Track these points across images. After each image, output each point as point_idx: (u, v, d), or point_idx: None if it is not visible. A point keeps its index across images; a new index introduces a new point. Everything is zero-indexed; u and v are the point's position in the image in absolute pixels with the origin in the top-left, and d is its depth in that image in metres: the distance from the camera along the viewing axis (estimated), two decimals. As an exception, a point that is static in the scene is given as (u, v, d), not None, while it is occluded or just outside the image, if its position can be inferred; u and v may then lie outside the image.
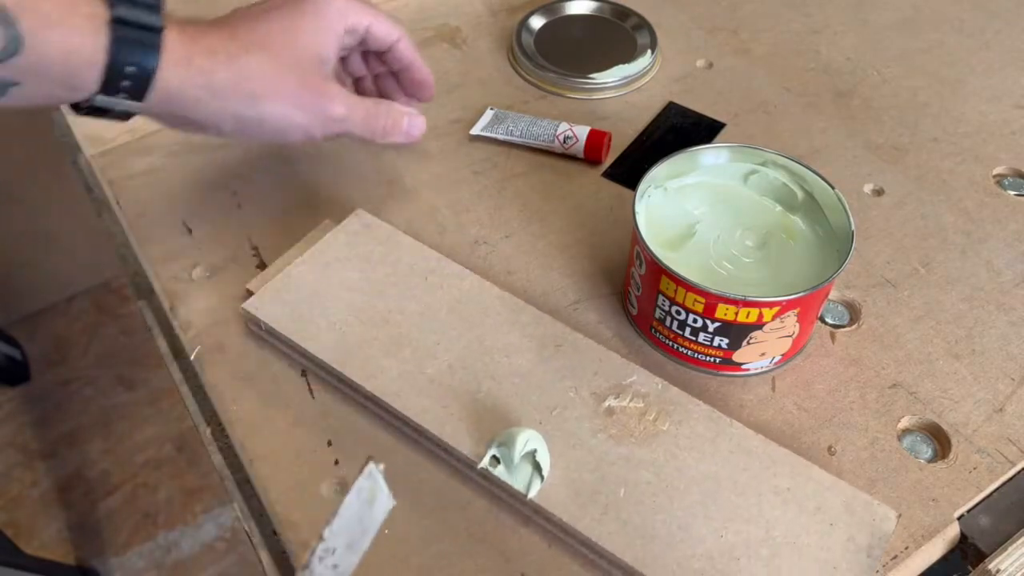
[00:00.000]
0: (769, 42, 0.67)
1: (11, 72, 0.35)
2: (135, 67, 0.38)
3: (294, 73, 0.43)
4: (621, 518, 0.39)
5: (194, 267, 0.52)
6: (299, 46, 0.43)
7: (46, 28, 0.35)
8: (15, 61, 0.35)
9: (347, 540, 0.25)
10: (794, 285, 0.43)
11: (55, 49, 0.36)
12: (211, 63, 0.40)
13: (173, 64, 0.39)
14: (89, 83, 0.38)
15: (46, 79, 0.36)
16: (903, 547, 0.40)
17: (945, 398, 0.46)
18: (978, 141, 0.59)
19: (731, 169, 0.49)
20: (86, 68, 0.37)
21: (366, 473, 0.25)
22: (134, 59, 0.38)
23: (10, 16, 0.34)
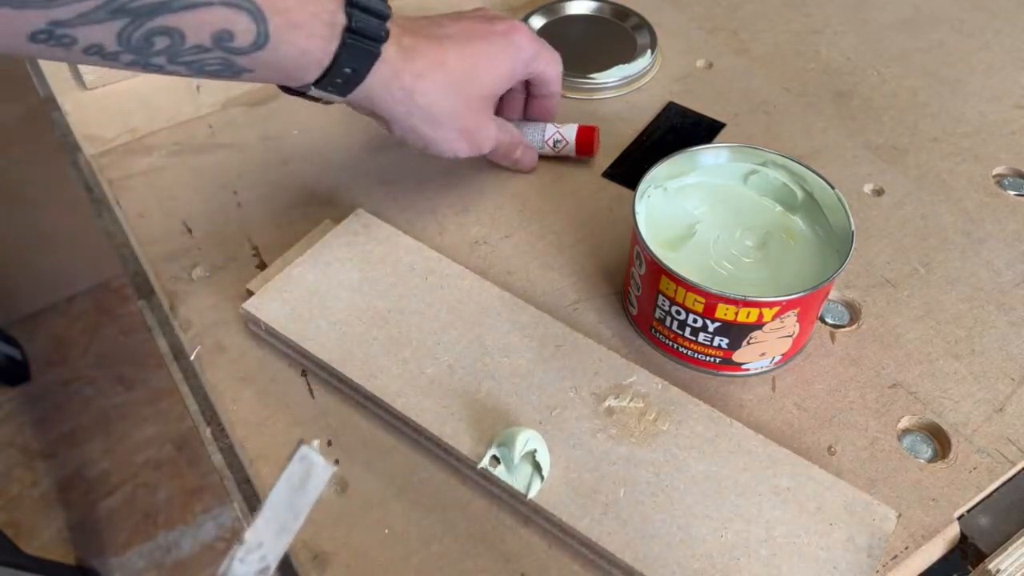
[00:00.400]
0: (769, 42, 0.67)
1: (250, 62, 0.38)
2: (351, 70, 0.41)
3: (471, 105, 0.47)
4: (621, 518, 0.39)
5: (194, 267, 0.52)
6: (485, 78, 0.48)
7: (291, 29, 0.38)
8: (258, 55, 0.38)
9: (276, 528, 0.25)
10: (794, 285, 0.43)
11: (293, 49, 0.39)
12: (414, 82, 0.44)
13: (382, 76, 0.43)
14: (309, 77, 0.41)
15: (276, 70, 0.40)
16: (903, 547, 0.40)
17: (945, 398, 0.46)
18: (978, 141, 0.59)
19: (731, 169, 0.49)
20: (313, 66, 0.40)
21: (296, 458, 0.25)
22: (353, 64, 0.41)
23: (264, 14, 0.37)
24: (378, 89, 0.43)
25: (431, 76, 0.45)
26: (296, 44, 0.39)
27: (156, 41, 0.36)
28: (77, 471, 1.28)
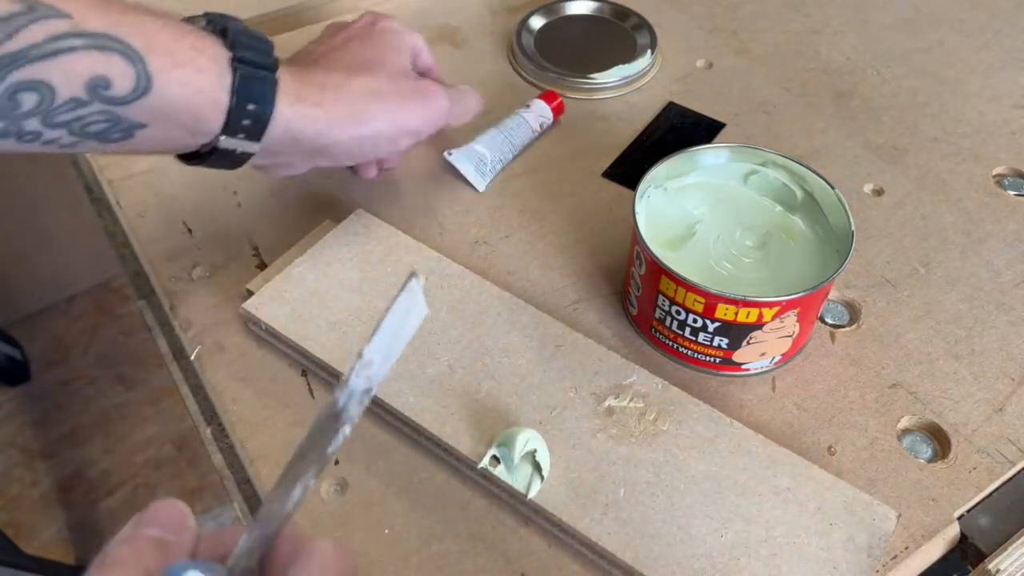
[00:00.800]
0: (769, 42, 0.67)
1: (139, 113, 0.35)
2: (255, 104, 0.38)
3: (393, 86, 0.45)
4: (621, 518, 0.39)
5: (194, 267, 0.52)
6: (389, 61, 0.46)
7: (174, 67, 0.35)
8: (145, 102, 0.35)
9: (383, 354, 0.26)
10: (794, 285, 0.43)
11: (182, 89, 0.36)
12: (321, 95, 0.41)
13: (288, 100, 0.40)
14: (212, 124, 0.38)
15: (172, 121, 0.37)
16: (903, 547, 0.40)
17: (945, 398, 0.46)
18: (978, 141, 0.59)
19: (731, 169, 0.49)
20: (210, 108, 0.37)
21: (407, 289, 0.25)
22: (254, 97, 0.38)
23: (139, 54, 0.34)
24: (293, 120, 0.40)
25: (335, 81, 0.42)
26: (184, 83, 0.36)
27: (23, 100, 0.32)
28: (77, 471, 1.28)
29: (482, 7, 0.71)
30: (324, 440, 0.26)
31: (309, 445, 0.26)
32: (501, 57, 0.66)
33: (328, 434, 0.26)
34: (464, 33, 0.68)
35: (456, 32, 0.68)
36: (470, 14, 0.70)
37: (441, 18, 0.69)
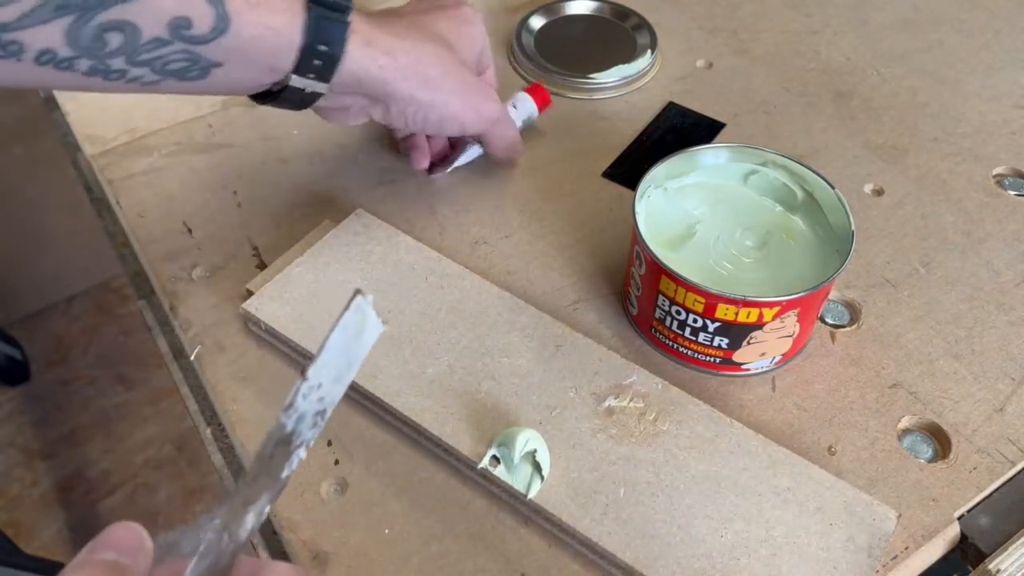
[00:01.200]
0: (769, 42, 0.67)
1: (216, 52, 0.36)
2: (327, 46, 0.39)
3: (461, 69, 0.46)
4: (621, 518, 0.39)
5: (194, 267, 0.52)
6: (462, 47, 0.47)
7: (251, 8, 0.36)
8: (222, 41, 0.36)
9: (333, 374, 0.25)
10: (794, 285, 0.43)
11: (258, 29, 0.37)
12: (393, 44, 0.42)
13: (359, 43, 0.41)
14: (285, 63, 0.39)
15: (247, 60, 0.38)
16: (903, 547, 0.40)
17: (945, 398, 0.46)
18: (978, 141, 0.59)
19: (731, 169, 0.49)
20: (284, 47, 0.38)
21: (353, 307, 0.25)
22: (326, 38, 0.39)
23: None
24: (362, 62, 0.41)
25: (410, 36, 0.43)
26: (260, 23, 0.37)
27: (109, 39, 0.34)
28: (77, 471, 1.28)
29: (482, 7, 0.71)
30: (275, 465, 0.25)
31: (258, 470, 0.25)
32: (501, 57, 0.66)
33: (279, 459, 0.25)
34: (464, 33, 0.68)
35: (456, 32, 0.68)
36: (470, 14, 0.70)
37: (441, 18, 0.69)
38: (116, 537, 0.27)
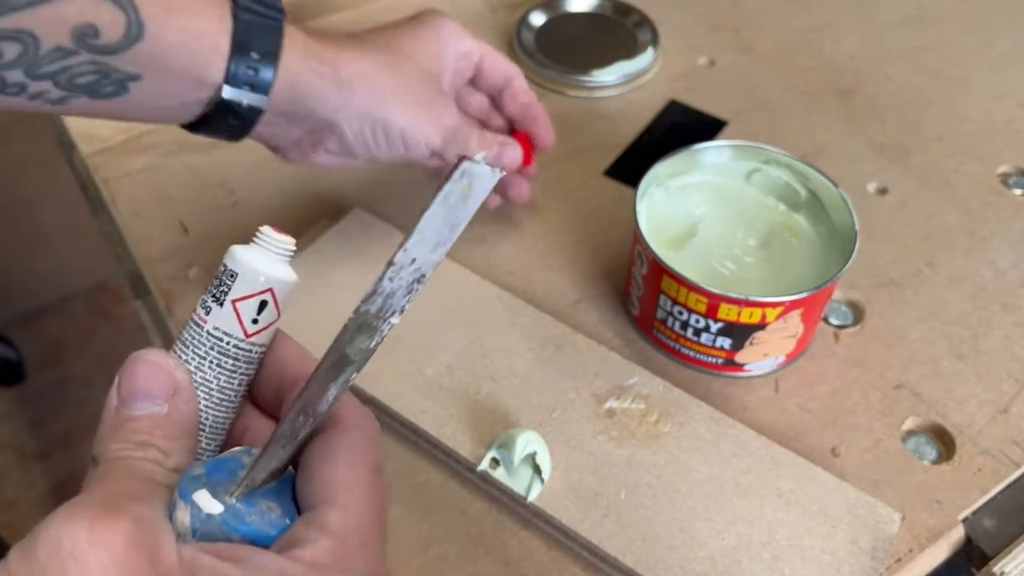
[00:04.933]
0: (771, 40, 0.67)
1: (131, 63, 0.33)
2: (258, 54, 0.36)
3: (415, 78, 0.42)
4: (622, 521, 0.39)
5: (190, 267, 0.51)
6: (419, 55, 0.43)
7: (169, 13, 0.33)
8: (137, 49, 0.33)
9: (431, 245, 0.24)
10: (797, 285, 0.43)
11: (178, 35, 0.33)
12: (336, 55, 0.39)
13: (296, 53, 0.37)
14: (213, 74, 0.35)
15: (168, 71, 0.34)
16: (907, 550, 0.40)
17: (949, 399, 0.45)
18: (982, 140, 0.59)
19: (733, 167, 0.49)
20: (210, 55, 0.35)
21: (456, 175, 0.23)
22: (257, 46, 0.36)
23: (132, 1, 0.32)
24: (302, 73, 0.37)
25: (352, 49, 0.40)
26: (180, 29, 0.33)
27: (4, 49, 0.30)
28: (73, 473, 1.28)
29: (482, 4, 0.70)
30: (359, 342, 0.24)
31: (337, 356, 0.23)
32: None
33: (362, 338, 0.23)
34: (463, 31, 0.68)
35: (455, 30, 0.68)
36: (470, 11, 0.69)
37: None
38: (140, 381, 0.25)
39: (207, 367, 0.26)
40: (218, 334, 0.26)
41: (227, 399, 0.27)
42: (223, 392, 0.26)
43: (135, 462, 0.23)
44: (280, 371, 0.28)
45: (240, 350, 0.26)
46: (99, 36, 0.32)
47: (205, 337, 0.26)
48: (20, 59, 0.31)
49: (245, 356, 0.26)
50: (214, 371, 0.26)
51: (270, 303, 0.26)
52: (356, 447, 0.25)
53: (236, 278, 0.26)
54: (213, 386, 0.26)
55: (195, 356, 0.26)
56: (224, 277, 0.27)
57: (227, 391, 0.26)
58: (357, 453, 0.24)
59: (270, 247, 0.27)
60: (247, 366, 0.27)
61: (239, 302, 0.26)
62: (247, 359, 0.27)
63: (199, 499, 0.22)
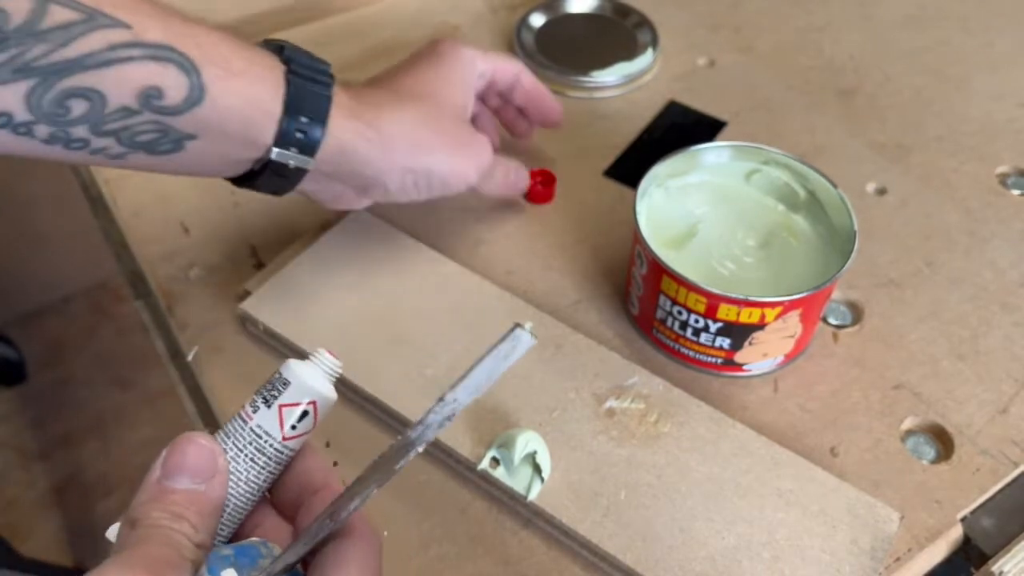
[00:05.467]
0: (771, 40, 0.67)
1: (191, 124, 0.34)
2: (308, 118, 0.37)
3: (450, 122, 0.44)
4: (622, 520, 0.39)
5: (191, 267, 0.51)
6: (447, 95, 0.44)
7: (229, 77, 0.34)
8: (197, 111, 0.34)
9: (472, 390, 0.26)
10: (796, 285, 0.43)
11: (236, 99, 0.35)
12: (377, 114, 0.40)
13: (342, 116, 0.39)
14: (265, 135, 0.37)
15: (223, 132, 0.35)
16: (906, 549, 0.40)
17: (949, 399, 0.45)
18: (982, 140, 0.59)
19: (733, 168, 0.49)
20: (263, 119, 0.36)
21: (510, 338, 0.25)
22: (307, 110, 0.37)
23: (195, 65, 0.33)
24: (346, 134, 0.39)
25: (391, 105, 0.41)
26: (238, 93, 0.35)
27: (72, 106, 0.31)
28: (74, 473, 1.28)
29: (482, 5, 0.70)
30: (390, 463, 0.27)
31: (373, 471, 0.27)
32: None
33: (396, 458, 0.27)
34: (464, 31, 0.68)
35: (456, 30, 0.68)
36: (470, 12, 0.69)
37: (441, 16, 0.69)
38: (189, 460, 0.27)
39: (242, 460, 0.29)
40: (260, 432, 0.29)
41: (251, 492, 0.29)
42: (249, 484, 0.29)
43: (171, 532, 0.26)
44: (304, 478, 0.31)
45: (275, 450, 0.29)
46: (163, 98, 0.33)
47: (248, 432, 0.29)
48: (86, 116, 0.32)
49: (277, 456, 0.29)
50: (247, 464, 0.29)
51: (310, 414, 0.30)
52: (367, 557, 0.28)
53: (288, 386, 0.30)
54: (242, 477, 0.29)
55: (234, 447, 0.29)
56: (277, 383, 0.30)
57: (253, 484, 0.29)
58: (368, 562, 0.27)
59: (322, 366, 0.31)
60: (276, 466, 0.30)
61: (285, 407, 0.29)
62: (278, 459, 0.30)
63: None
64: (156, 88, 0.33)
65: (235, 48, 0.35)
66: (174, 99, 0.33)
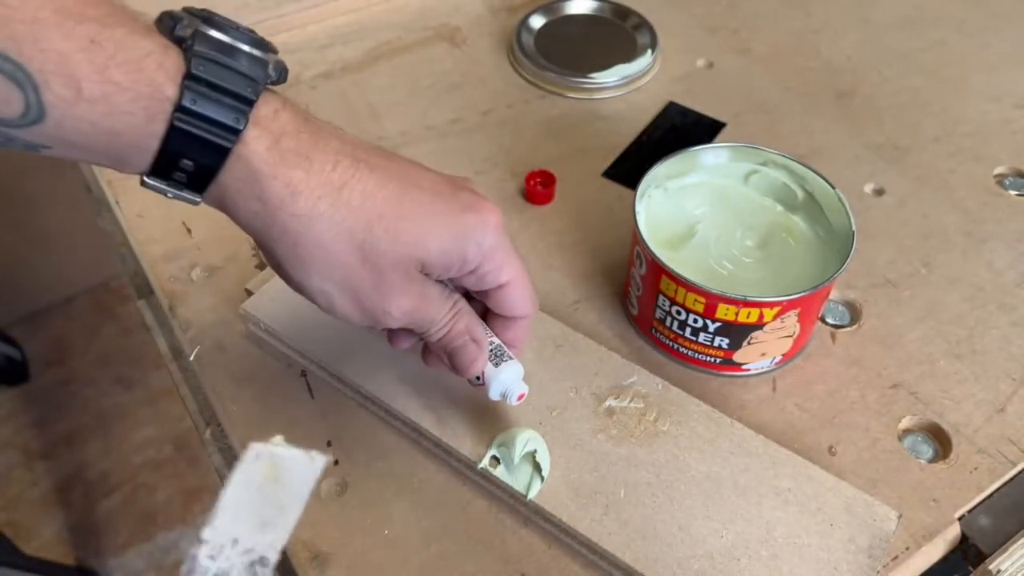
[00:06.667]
0: (770, 41, 0.67)
1: (36, 138, 0.29)
2: (193, 163, 0.30)
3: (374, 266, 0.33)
4: (621, 519, 0.39)
5: (193, 267, 0.52)
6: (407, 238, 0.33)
7: (80, 102, 0.28)
8: (39, 129, 0.28)
9: (252, 525, 0.24)
10: (795, 285, 0.43)
11: (88, 127, 0.28)
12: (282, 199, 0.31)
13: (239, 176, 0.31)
14: (135, 164, 0.30)
15: (81, 151, 0.30)
16: (904, 547, 0.40)
17: (946, 398, 0.46)
18: (979, 141, 0.59)
19: (732, 169, 0.49)
20: (130, 151, 0.30)
21: (246, 459, 0.24)
22: (193, 156, 0.30)
23: (32, 80, 0.27)
24: (231, 191, 0.31)
25: (315, 198, 0.31)
26: (94, 123, 0.28)
27: None
28: (76, 471, 1.28)
29: (482, 6, 0.71)
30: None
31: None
32: (501, 57, 0.66)
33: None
34: (464, 33, 0.68)
35: (456, 32, 0.68)
36: (470, 13, 0.70)
37: (441, 17, 0.69)
38: None
39: None
40: None
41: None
42: None
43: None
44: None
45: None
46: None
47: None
48: None
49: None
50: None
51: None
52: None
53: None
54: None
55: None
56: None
57: None
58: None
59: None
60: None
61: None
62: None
63: None
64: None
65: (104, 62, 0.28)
66: (7, 113, 0.27)
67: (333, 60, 0.64)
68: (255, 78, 0.30)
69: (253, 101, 0.30)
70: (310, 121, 0.32)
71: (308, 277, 0.33)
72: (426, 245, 0.33)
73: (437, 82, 0.64)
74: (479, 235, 0.34)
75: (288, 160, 0.31)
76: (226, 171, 0.31)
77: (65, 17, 0.27)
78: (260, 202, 0.31)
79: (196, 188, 0.31)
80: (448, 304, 0.36)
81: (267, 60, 0.31)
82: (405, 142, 0.59)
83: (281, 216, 0.31)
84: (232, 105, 0.30)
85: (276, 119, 0.31)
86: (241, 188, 0.31)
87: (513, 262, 0.36)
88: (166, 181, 0.31)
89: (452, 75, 0.64)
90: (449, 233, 0.34)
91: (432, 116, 0.61)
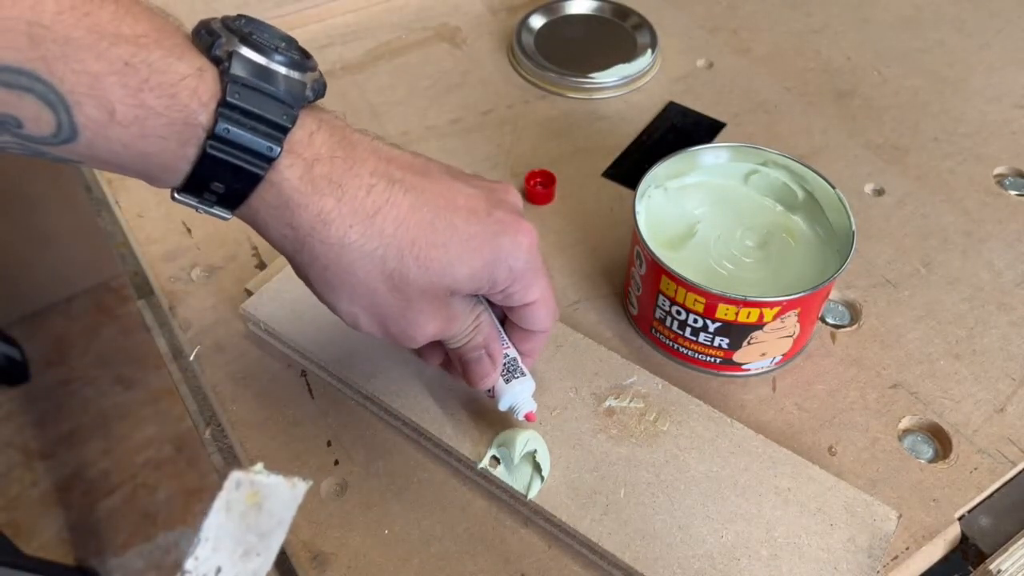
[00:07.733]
0: (770, 42, 0.67)
1: (68, 154, 0.29)
2: (224, 186, 0.30)
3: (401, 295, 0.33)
4: (621, 518, 0.39)
5: (193, 267, 0.52)
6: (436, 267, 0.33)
7: (112, 125, 0.27)
8: (71, 148, 0.28)
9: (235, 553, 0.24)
10: (795, 285, 0.43)
11: (121, 149, 0.28)
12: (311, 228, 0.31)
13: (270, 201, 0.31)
14: (166, 181, 0.31)
15: (112, 167, 0.30)
16: (904, 547, 0.40)
17: (946, 398, 0.46)
18: (979, 141, 0.59)
19: (731, 169, 0.49)
20: (161, 171, 0.30)
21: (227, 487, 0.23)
22: (224, 181, 0.30)
23: (65, 101, 0.26)
24: (262, 214, 0.31)
25: (346, 226, 0.31)
26: (126, 144, 0.28)
27: None
28: (77, 471, 1.28)
29: (482, 6, 0.71)
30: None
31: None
32: (501, 57, 0.66)
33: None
34: (464, 33, 0.68)
35: (456, 32, 0.68)
36: (470, 13, 0.70)
37: (441, 17, 0.69)
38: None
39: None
40: None
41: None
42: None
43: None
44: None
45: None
46: (23, 127, 0.27)
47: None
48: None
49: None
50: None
51: None
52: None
53: None
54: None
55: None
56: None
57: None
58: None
59: None
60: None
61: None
62: None
63: None
64: (12, 117, 0.27)
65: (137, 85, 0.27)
66: (38, 131, 0.27)
67: (333, 60, 0.64)
68: (291, 103, 0.30)
69: (288, 128, 0.30)
70: (346, 139, 0.32)
71: (337, 300, 0.33)
72: (455, 274, 0.33)
73: (437, 82, 0.64)
74: (511, 259, 0.34)
75: (320, 187, 0.31)
76: (257, 196, 0.31)
77: (99, 37, 0.27)
78: (291, 228, 0.31)
79: (227, 206, 0.31)
80: (471, 317, 0.37)
81: (304, 81, 0.31)
82: (405, 142, 0.59)
83: (311, 242, 0.31)
84: (266, 132, 0.29)
85: (311, 144, 0.31)
86: (272, 212, 0.31)
87: (541, 282, 0.36)
88: (197, 198, 0.31)
89: (452, 75, 0.64)
90: (481, 259, 0.33)
91: (432, 116, 0.61)
